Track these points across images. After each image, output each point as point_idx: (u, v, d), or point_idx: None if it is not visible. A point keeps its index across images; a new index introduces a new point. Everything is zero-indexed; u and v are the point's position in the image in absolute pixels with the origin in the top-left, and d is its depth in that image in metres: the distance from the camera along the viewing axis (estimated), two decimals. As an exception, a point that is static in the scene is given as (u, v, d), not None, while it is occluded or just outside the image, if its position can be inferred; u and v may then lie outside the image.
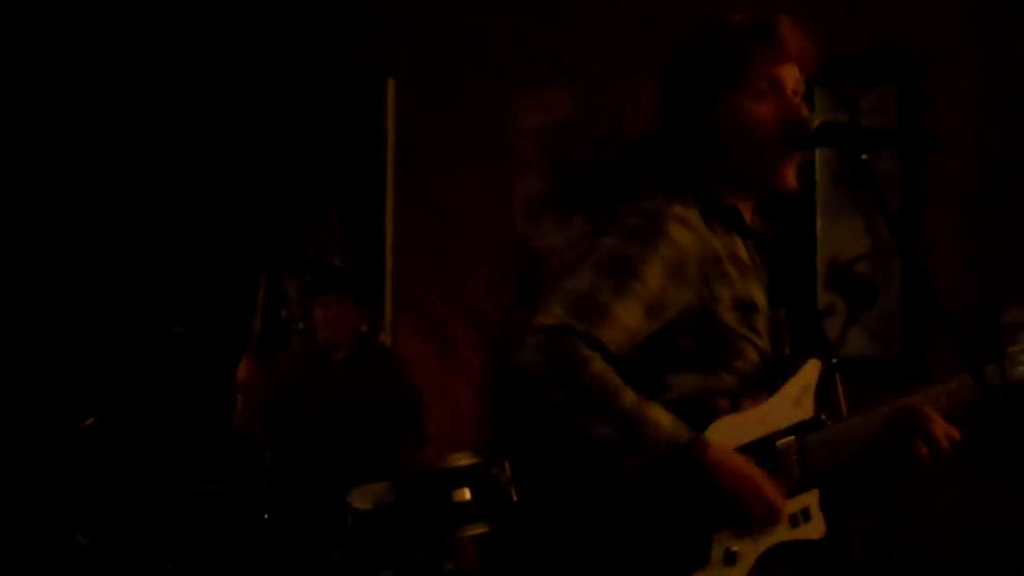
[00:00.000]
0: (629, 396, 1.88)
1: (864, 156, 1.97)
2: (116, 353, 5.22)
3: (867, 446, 2.07)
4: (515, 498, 3.78)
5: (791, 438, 2.03)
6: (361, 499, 3.85)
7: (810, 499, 2.03)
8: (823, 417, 2.07)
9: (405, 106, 5.25)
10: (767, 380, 2.05)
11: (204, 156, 5.43)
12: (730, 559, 1.94)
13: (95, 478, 4.77)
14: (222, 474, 4.56)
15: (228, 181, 5.42)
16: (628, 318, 1.92)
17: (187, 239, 5.40)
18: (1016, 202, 4.15)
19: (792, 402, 2.04)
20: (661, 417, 1.89)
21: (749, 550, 1.95)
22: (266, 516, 4.15)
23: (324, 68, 5.34)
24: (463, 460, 3.79)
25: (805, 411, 2.05)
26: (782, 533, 1.99)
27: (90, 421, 4.50)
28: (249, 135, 5.42)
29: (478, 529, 3.73)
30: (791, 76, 2.08)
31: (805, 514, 2.02)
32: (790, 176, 2.08)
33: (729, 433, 1.97)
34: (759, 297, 2.08)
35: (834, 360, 2.11)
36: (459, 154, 5.12)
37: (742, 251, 2.09)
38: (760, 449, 1.99)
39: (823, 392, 2.08)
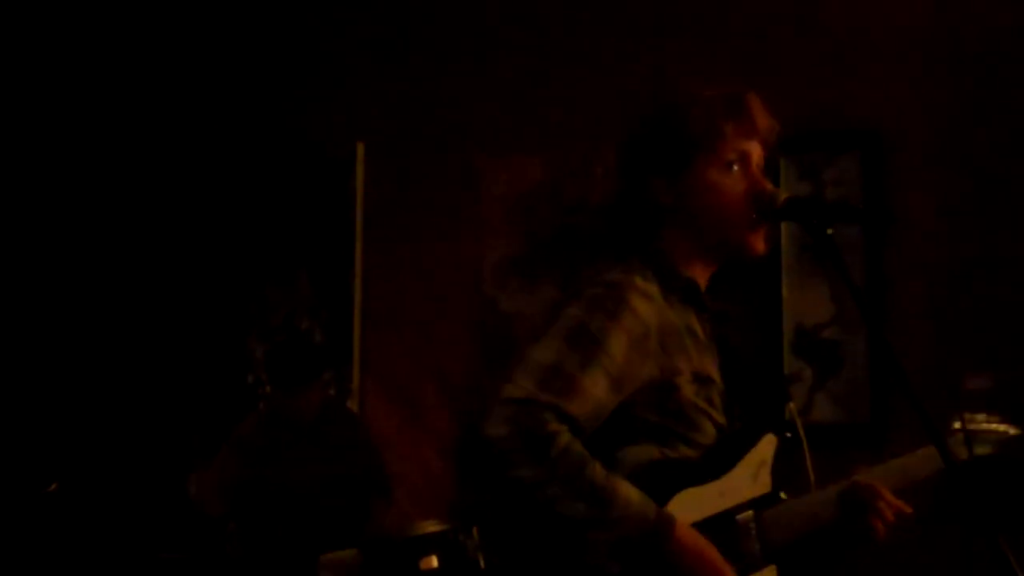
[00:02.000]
0: (598, 470, 1.86)
1: (829, 231, 2.00)
2: (81, 417, 5.17)
3: (822, 523, 2.08)
4: (483, 565, 3.75)
5: (750, 513, 2.03)
6: (328, 567, 3.82)
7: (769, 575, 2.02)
8: (780, 493, 2.07)
9: (374, 170, 5.27)
10: (724, 454, 2.05)
11: (173, 220, 5.43)
12: None
13: (58, 544, 4.70)
14: (186, 541, 4.51)
15: (197, 243, 5.41)
16: (595, 390, 1.91)
17: (154, 301, 5.38)
18: (978, 271, 4.21)
19: (750, 477, 2.04)
20: (630, 492, 1.88)
21: None
22: (231, 584, 4.11)
23: (293, 131, 5.36)
24: (431, 527, 3.77)
25: (763, 486, 2.05)
26: None
27: (53, 486, 4.45)
28: (218, 198, 5.42)
29: (446, 597, 3.70)
30: (756, 152, 2.11)
31: None
32: (759, 242, 2.10)
33: (690, 506, 1.95)
34: (713, 372, 2.08)
35: (788, 435, 2.11)
36: (428, 218, 5.13)
37: (697, 325, 2.10)
38: (720, 523, 1.99)
39: (779, 467, 2.08)
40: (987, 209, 4.23)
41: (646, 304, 2.00)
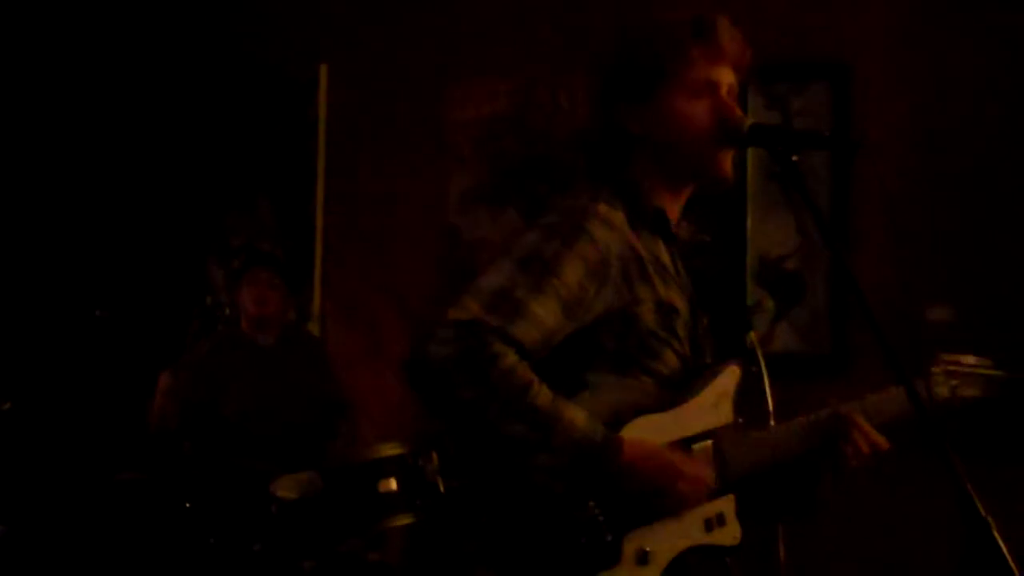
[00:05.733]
0: (544, 393, 1.87)
1: (795, 157, 1.98)
2: (34, 336, 5.12)
3: (789, 456, 2.08)
4: (442, 489, 3.77)
5: (708, 442, 2.03)
6: (285, 488, 3.82)
7: (726, 505, 2.03)
8: (742, 423, 2.07)
9: (337, 93, 5.20)
10: (686, 384, 2.05)
11: (133, 142, 5.35)
12: (642, 559, 1.92)
13: (10, 465, 4.67)
14: (142, 462, 4.49)
15: (157, 167, 5.34)
16: (545, 316, 1.91)
17: (113, 224, 5.31)
18: (942, 203, 4.22)
19: (710, 407, 2.04)
20: (576, 415, 1.88)
21: (663, 550, 1.94)
22: (187, 505, 4.10)
23: (256, 53, 5.28)
24: (389, 450, 3.78)
25: (724, 416, 2.06)
26: (696, 536, 1.99)
27: (6, 406, 4.42)
28: (179, 122, 5.34)
29: (404, 520, 3.72)
30: (726, 77, 2.08)
31: (720, 519, 2.02)
32: (726, 166, 2.08)
33: (646, 432, 1.96)
34: (680, 302, 2.08)
35: (754, 368, 2.12)
36: (392, 144, 5.08)
37: (665, 256, 2.09)
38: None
39: (742, 398, 2.09)
40: (954, 140, 4.23)
41: (606, 231, 1.98)
